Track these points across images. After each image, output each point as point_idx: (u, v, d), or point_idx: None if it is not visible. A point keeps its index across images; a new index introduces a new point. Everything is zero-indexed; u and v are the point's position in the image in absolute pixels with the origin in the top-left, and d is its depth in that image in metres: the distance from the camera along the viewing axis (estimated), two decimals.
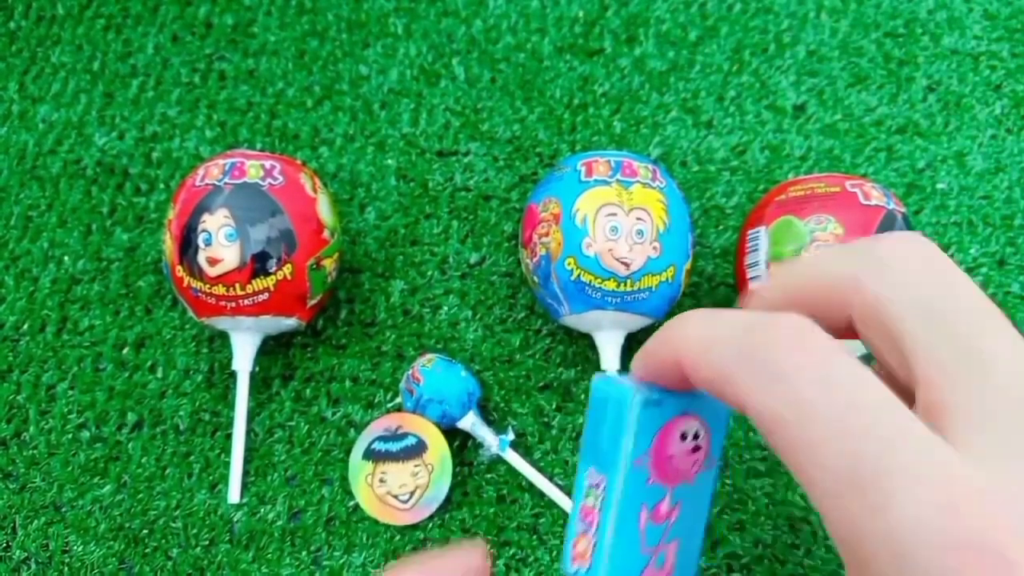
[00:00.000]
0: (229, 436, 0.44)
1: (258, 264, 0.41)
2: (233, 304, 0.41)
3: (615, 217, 0.40)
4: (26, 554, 0.43)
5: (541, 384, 0.46)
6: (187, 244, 0.41)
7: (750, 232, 0.42)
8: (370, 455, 0.42)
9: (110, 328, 0.48)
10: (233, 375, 0.46)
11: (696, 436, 0.21)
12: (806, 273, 0.20)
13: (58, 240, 0.51)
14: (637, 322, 0.42)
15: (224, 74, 0.56)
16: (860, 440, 0.15)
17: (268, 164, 0.43)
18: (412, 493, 0.41)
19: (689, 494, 0.22)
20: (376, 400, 0.46)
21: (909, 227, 0.40)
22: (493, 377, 0.46)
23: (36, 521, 0.43)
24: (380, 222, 0.51)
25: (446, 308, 0.48)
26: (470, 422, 0.43)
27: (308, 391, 0.46)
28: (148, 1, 0.59)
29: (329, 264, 0.44)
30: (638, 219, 0.40)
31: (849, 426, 0.15)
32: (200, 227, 0.41)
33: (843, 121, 0.53)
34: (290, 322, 0.44)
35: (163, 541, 0.43)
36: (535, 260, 0.43)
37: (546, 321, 0.48)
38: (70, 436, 0.45)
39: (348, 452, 0.43)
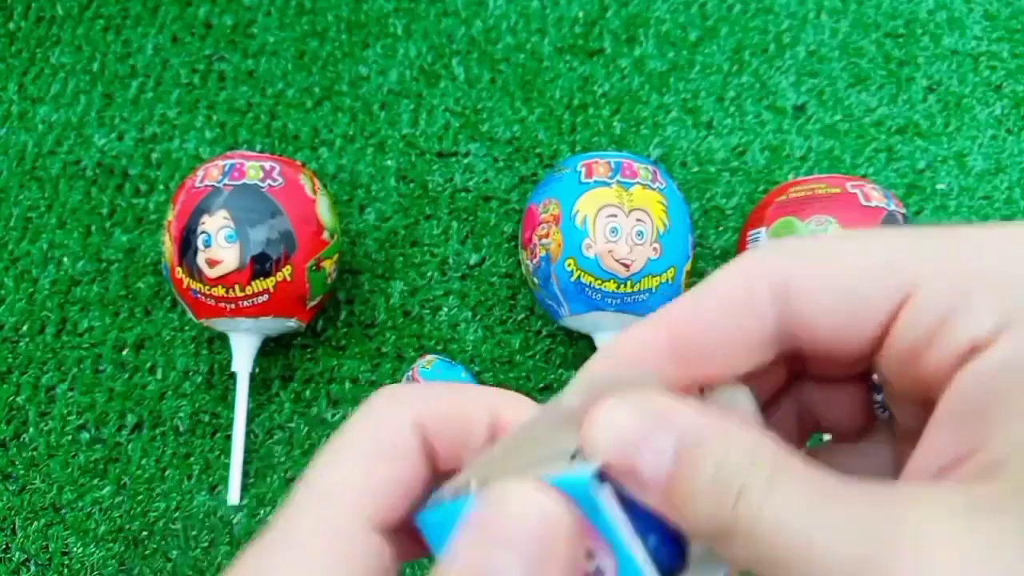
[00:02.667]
0: (229, 437, 0.44)
1: (258, 265, 0.41)
2: (233, 305, 0.41)
3: (615, 218, 0.40)
4: (26, 555, 0.43)
5: (541, 385, 0.46)
6: (187, 245, 0.41)
7: (751, 233, 0.42)
8: None
9: (110, 329, 0.48)
10: (233, 376, 0.46)
11: (596, 571, 0.16)
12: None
13: (57, 241, 0.51)
14: None
15: (224, 75, 0.56)
16: None
17: (268, 165, 0.43)
18: None
19: None
20: None
21: None
22: (493, 378, 0.46)
23: (36, 523, 0.43)
24: (380, 223, 0.51)
25: (446, 309, 0.48)
26: None
27: (308, 392, 0.46)
28: (148, 2, 0.59)
29: (329, 265, 0.44)
30: (638, 220, 0.40)
31: None
32: (200, 228, 0.41)
33: (843, 122, 0.53)
34: (290, 323, 0.44)
35: (163, 543, 0.43)
36: (535, 261, 0.43)
37: (546, 322, 0.48)
38: (70, 438, 0.45)
39: None
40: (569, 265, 0.41)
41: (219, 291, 0.41)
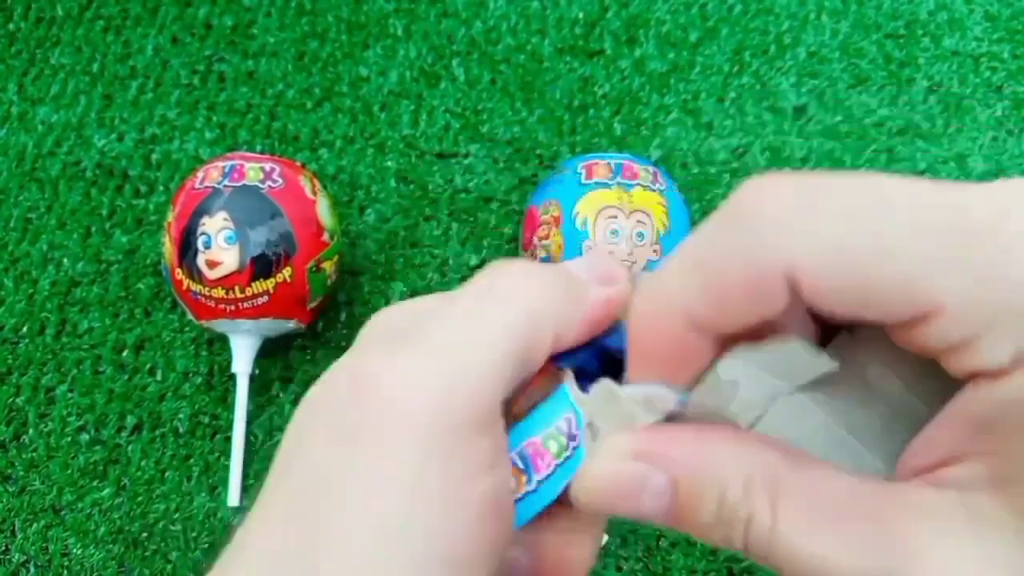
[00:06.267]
0: (229, 439, 0.44)
1: (258, 267, 0.41)
2: (232, 307, 0.41)
3: (616, 220, 0.40)
4: (25, 557, 0.43)
5: None
6: (186, 247, 0.41)
7: None
8: None
9: (109, 331, 0.48)
10: (233, 378, 0.46)
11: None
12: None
13: (57, 242, 0.51)
14: None
15: (224, 75, 0.56)
16: None
17: (268, 166, 0.43)
18: None
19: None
20: None
21: None
22: None
23: (35, 524, 0.43)
24: (380, 224, 0.51)
25: None
26: None
27: None
28: (148, 2, 0.59)
29: (329, 267, 0.44)
30: (639, 222, 0.40)
31: None
32: (199, 230, 0.41)
33: (844, 123, 0.53)
34: (290, 324, 0.44)
35: (162, 544, 0.43)
36: (535, 263, 0.43)
37: None
38: (69, 439, 0.45)
39: None
40: None
41: (219, 292, 0.41)
